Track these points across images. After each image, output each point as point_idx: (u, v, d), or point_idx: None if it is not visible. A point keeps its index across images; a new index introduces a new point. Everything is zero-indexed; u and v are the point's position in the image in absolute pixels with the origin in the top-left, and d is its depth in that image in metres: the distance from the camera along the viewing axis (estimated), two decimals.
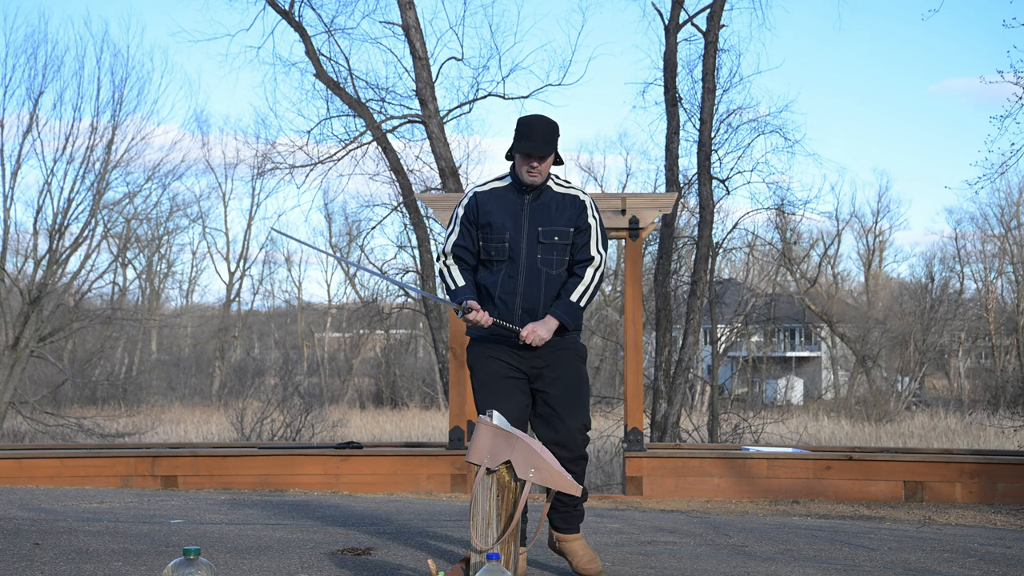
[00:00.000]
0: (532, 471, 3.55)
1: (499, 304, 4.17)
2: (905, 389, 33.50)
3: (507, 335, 4.14)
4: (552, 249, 4.17)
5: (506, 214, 4.19)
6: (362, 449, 9.92)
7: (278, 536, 5.33)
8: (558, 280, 4.19)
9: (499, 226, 4.17)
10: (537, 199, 4.21)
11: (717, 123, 17.32)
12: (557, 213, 4.19)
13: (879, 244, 41.44)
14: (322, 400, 26.59)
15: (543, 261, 4.16)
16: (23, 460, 9.97)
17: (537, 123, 4.15)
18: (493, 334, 4.17)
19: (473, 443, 3.59)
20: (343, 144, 17.90)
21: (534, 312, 4.15)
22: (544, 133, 4.13)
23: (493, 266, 4.21)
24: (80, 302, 24.31)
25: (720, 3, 16.09)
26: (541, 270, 4.17)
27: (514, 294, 4.16)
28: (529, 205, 4.20)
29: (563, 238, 4.18)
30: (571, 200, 4.23)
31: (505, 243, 4.17)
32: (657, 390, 15.98)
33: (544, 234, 4.16)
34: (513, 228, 4.17)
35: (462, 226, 4.26)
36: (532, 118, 4.18)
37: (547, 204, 4.20)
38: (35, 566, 4.30)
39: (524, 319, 4.15)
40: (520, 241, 4.16)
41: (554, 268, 4.18)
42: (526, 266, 4.16)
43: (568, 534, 4.31)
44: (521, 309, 4.16)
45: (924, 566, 4.99)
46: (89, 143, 21.10)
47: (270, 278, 50.87)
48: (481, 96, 18.34)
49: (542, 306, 4.16)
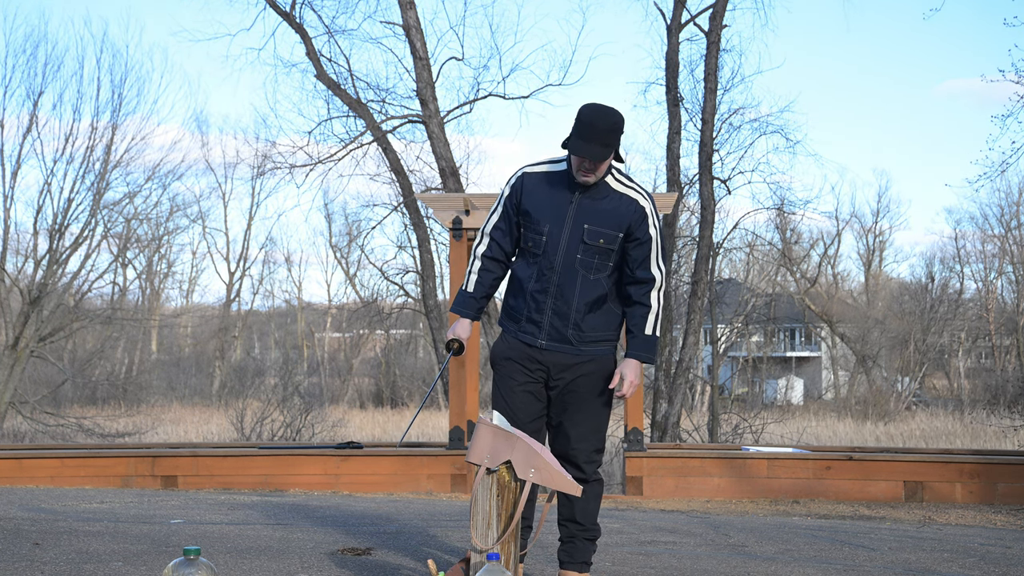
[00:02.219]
0: (532, 471, 3.54)
1: (530, 300, 3.84)
2: (905, 389, 33.50)
3: (533, 333, 3.85)
4: (595, 252, 3.77)
5: (551, 205, 3.80)
6: (362, 449, 9.91)
7: (278, 536, 5.33)
8: (595, 285, 3.80)
9: (539, 218, 3.80)
10: (590, 193, 3.79)
11: (719, 123, 17.34)
12: (610, 213, 3.77)
13: (879, 244, 41.48)
14: (322, 400, 26.60)
15: (582, 263, 3.78)
16: (23, 460, 9.96)
17: (599, 122, 3.66)
18: (521, 329, 3.88)
19: (473, 443, 3.58)
20: (343, 144, 17.91)
21: (565, 316, 3.81)
22: (604, 135, 3.66)
23: (530, 257, 3.85)
24: (80, 302, 24.30)
25: (722, 3, 16.10)
26: (578, 271, 3.78)
27: (546, 293, 3.81)
28: (579, 199, 3.79)
29: (609, 242, 3.77)
30: (628, 203, 3.79)
31: (543, 236, 3.80)
32: (657, 390, 15.99)
33: (589, 233, 3.76)
34: (554, 222, 3.78)
35: (504, 208, 3.90)
36: (594, 114, 3.67)
37: (600, 201, 3.78)
38: (35, 566, 4.30)
39: (554, 321, 3.82)
40: (559, 238, 3.77)
41: (592, 272, 3.79)
42: (562, 265, 3.78)
43: (568, 569, 3.95)
44: (551, 311, 3.82)
45: (924, 566, 4.99)
46: (89, 143, 21.14)
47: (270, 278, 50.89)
48: (482, 96, 18.36)
49: (574, 311, 3.80)
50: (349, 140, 17.86)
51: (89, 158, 21.06)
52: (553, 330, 3.83)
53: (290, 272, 56.20)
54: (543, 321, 3.83)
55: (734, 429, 18.39)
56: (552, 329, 3.83)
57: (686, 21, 16.58)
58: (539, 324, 3.84)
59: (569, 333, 3.83)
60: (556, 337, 3.84)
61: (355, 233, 34.66)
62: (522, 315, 3.87)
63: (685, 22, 16.57)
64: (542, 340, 3.84)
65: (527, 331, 3.87)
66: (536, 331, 3.85)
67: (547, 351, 3.84)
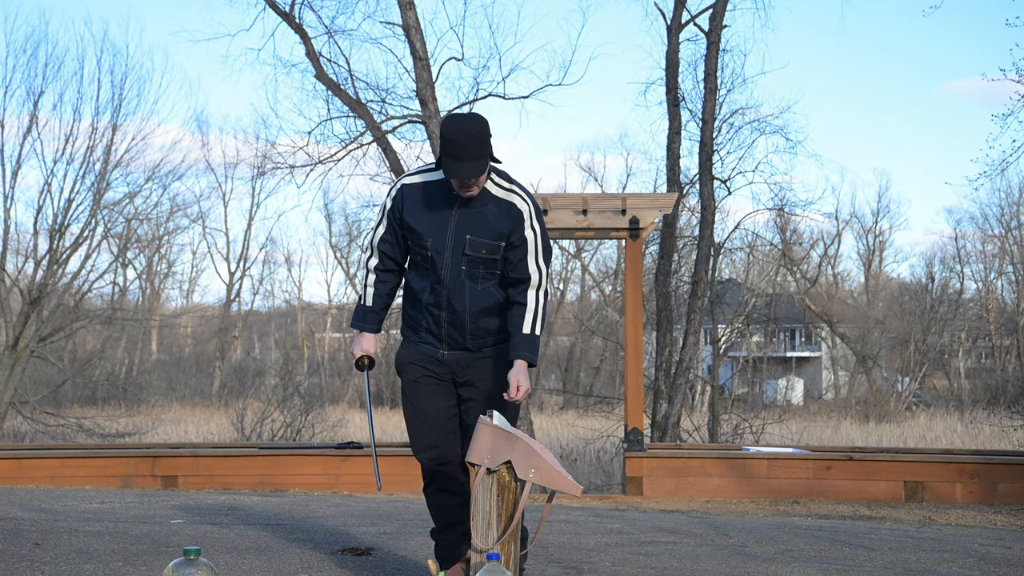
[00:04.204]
0: (532, 471, 3.54)
1: (426, 313, 3.83)
2: (905, 389, 33.48)
3: (433, 343, 3.86)
4: (479, 262, 3.74)
5: (432, 217, 3.75)
6: (362, 449, 9.91)
7: (278, 536, 5.33)
8: (485, 294, 3.78)
9: (421, 232, 3.76)
10: (470, 203, 3.73)
11: (719, 123, 17.32)
12: (491, 222, 3.72)
13: (879, 244, 41.46)
14: (322, 400, 26.57)
15: (468, 274, 3.75)
16: (23, 460, 9.97)
17: (462, 137, 3.57)
18: (421, 339, 3.88)
19: (473, 443, 3.58)
20: (343, 144, 17.88)
21: (461, 326, 3.79)
22: (472, 148, 3.58)
23: (421, 269, 3.83)
24: (80, 302, 24.30)
25: (723, 3, 16.09)
26: (465, 283, 3.76)
27: (439, 307, 3.80)
28: (459, 210, 3.74)
29: (491, 251, 3.73)
30: (507, 208, 3.74)
31: (427, 251, 3.76)
32: (657, 390, 15.98)
33: (471, 245, 3.72)
34: (436, 236, 3.74)
35: (388, 220, 3.85)
36: (456, 129, 3.58)
37: (481, 210, 3.73)
38: (35, 566, 4.30)
39: (451, 332, 3.81)
40: (443, 251, 3.74)
41: (479, 282, 3.76)
42: (450, 278, 3.75)
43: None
44: (447, 323, 3.80)
45: (924, 566, 4.99)
46: (89, 143, 21.12)
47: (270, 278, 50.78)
48: (481, 96, 18.32)
49: (468, 321, 3.78)
50: (349, 140, 17.84)
51: (89, 158, 21.07)
52: (451, 339, 3.84)
53: (290, 272, 56.22)
54: (441, 333, 3.84)
55: (734, 429, 18.39)
56: (450, 339, 3.84)
57: (686, 21, 16.57)
58: (438, 336, 3.86)
59: (467, 341, 3.83)
60: (455, 346, 3.85)
61: (355, 233, 34.70)
62: (420, 326, 3.88)
63: (685, 22, 16.56)
64: (443, 351, 3.86)
65: (427, 341, 3.88)
66: (436, 342, 3.87)
67: (449, 357, 3.85)
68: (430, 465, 3.97)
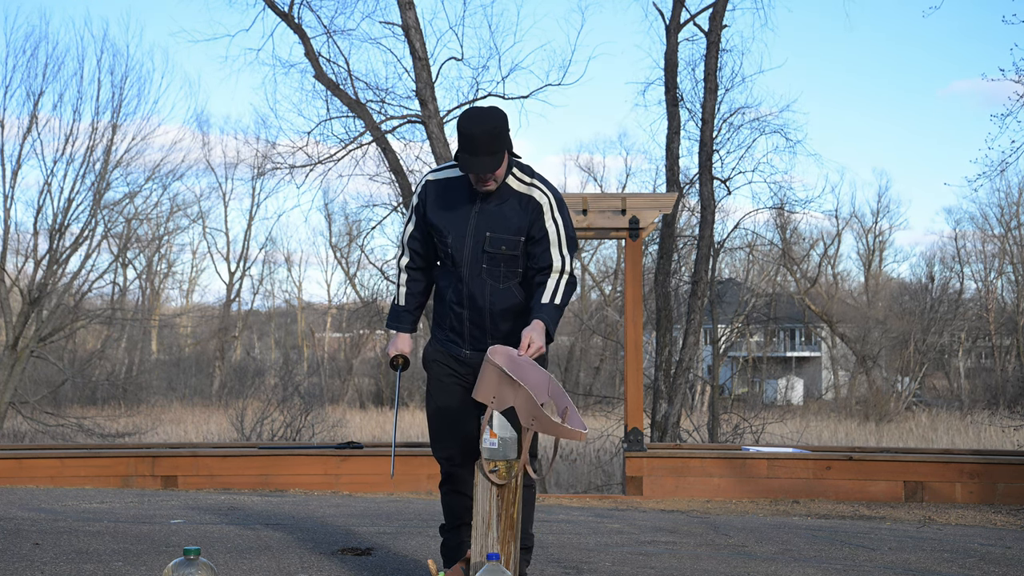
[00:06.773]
0: (533, 421, 3.54)
1: (449, 311, 3.85)
2: (905, 389, 33.49)
3: (457, 342, 3.86)
4: (499, 260, 3.73)
5: (453, 214, 3.76)
6: (362, 449, 9.92)
7: (278, 536, 5.33)
8: (506, 294, 3.77)
9: (442, 228, 3.77)
10: (491, 198, 3.73)
11: (719, 123, 17.31)
12: (510, 218, 3.72)
13: (879, 244, 41.46)
14: (322, 400, 26.58)
15: (488, 272, 3.74)
16: (23, 460, 9.97)
17: (478, 131, 3.57)
18: (447, 338, 3.89)
19: (480, 382, 3.55)
20: (343, 144, 17.88)
21: (482, 327, 3.80)
22: (488, 143, 3.58)
23: (445, 267, 3.85)
24: (80, 302, 24.28)
25: (722, 3, 16.08)
26: (486, 282, 3.75)
27: (461, 305, 3.80)
28: (480, 205, 3.74)
29: (512, 248, 3.72)
30: (527, 202, 3.73)
31: (449, 248, 3.77)
32: (657, 390, 15.97)
33: (491, 242, 3.71)
34: (456, 233, 3.75)
35: (415, 218, 3.88)
36: (472, 124, 3.59)
37: (501, 206, 3.73)
38: (35, 566, 4.30)
39: (473, 331, 3.82)
40: (463, 248, 3.74)
41: (501, 281, 3.76)
42: (470, 276, 3.75)
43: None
44: (469, 322, 3.81)
45: (924, 566, 4.99)
46: (89, 143, 21.11)
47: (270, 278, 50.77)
48: (481, 96, 18.31)
49: (489, 322, 3.79)
50: (348, 140, 17.84)
51: (89, 158, 21.05)
52: (474, 339, 3.84)
53: (290, 272, 56.21)
54: (464, 331, 3.85)
55: (734, 429, 18.39)
56: (473, 339, 3.85)
57: (685, 21, 16.56)
58: (461, 334, 3.86)
59: (489, 342, 3.81)
60: (478, 347, 3.83)
61: (355, 233, 34.68)
62: (445, 324, 3.88)
63: (684, 22, 16.55)
64: (466, 351, 3.86)
65: (452, 340, 3.89)
66: (460, 341, 3.87)
67: (472, 358, 3.83)
68: (447, 466, 3.96)
